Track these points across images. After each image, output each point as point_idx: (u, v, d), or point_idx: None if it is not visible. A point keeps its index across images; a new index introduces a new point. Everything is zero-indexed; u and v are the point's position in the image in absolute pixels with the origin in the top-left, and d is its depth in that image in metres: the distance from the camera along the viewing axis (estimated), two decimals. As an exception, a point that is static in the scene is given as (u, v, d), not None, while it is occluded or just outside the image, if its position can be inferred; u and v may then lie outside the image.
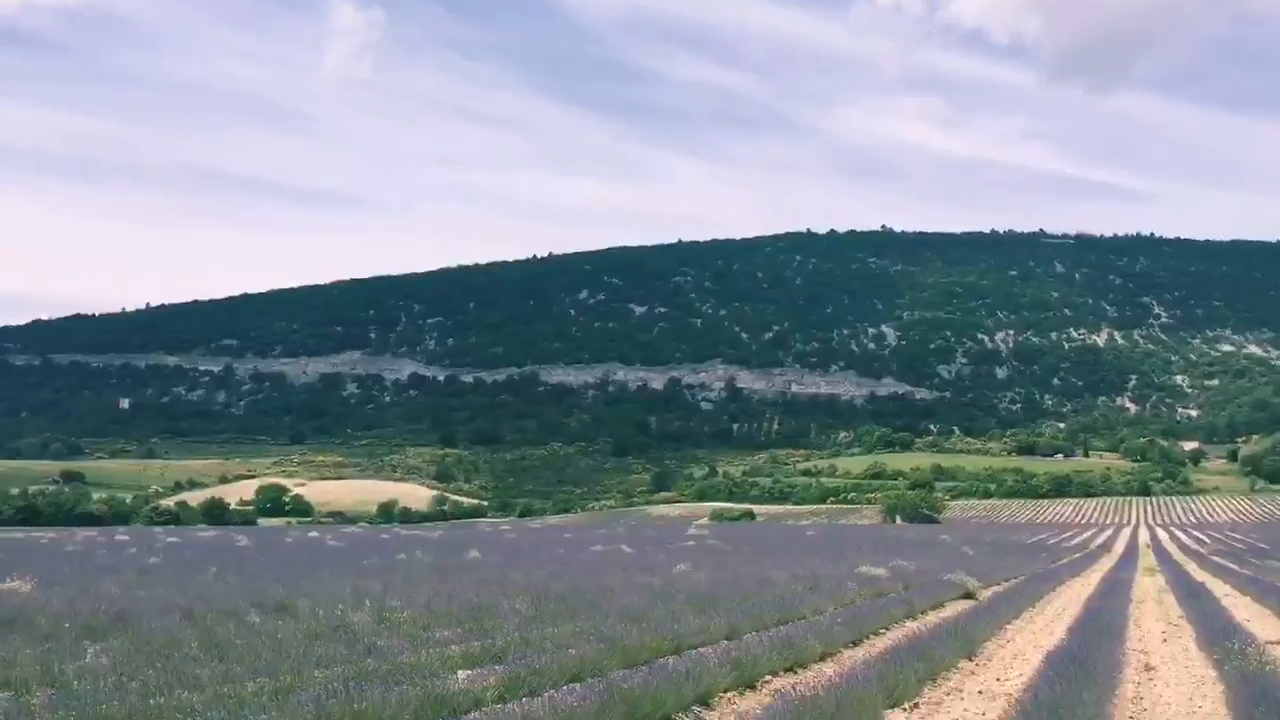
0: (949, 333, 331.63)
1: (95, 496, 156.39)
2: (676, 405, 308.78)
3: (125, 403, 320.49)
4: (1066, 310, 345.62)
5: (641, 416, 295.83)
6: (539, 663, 11.65)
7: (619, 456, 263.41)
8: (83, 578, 24.61)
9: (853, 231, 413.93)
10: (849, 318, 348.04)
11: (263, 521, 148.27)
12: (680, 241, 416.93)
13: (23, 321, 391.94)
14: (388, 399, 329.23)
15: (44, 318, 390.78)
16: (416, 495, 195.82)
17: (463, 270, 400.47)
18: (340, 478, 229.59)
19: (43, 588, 20.60)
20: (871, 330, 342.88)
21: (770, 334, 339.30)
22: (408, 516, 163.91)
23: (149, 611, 16.65)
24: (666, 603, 19.02)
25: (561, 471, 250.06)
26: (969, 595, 24.53)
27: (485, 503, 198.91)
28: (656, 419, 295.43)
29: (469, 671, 11.76)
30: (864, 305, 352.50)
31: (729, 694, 11.27)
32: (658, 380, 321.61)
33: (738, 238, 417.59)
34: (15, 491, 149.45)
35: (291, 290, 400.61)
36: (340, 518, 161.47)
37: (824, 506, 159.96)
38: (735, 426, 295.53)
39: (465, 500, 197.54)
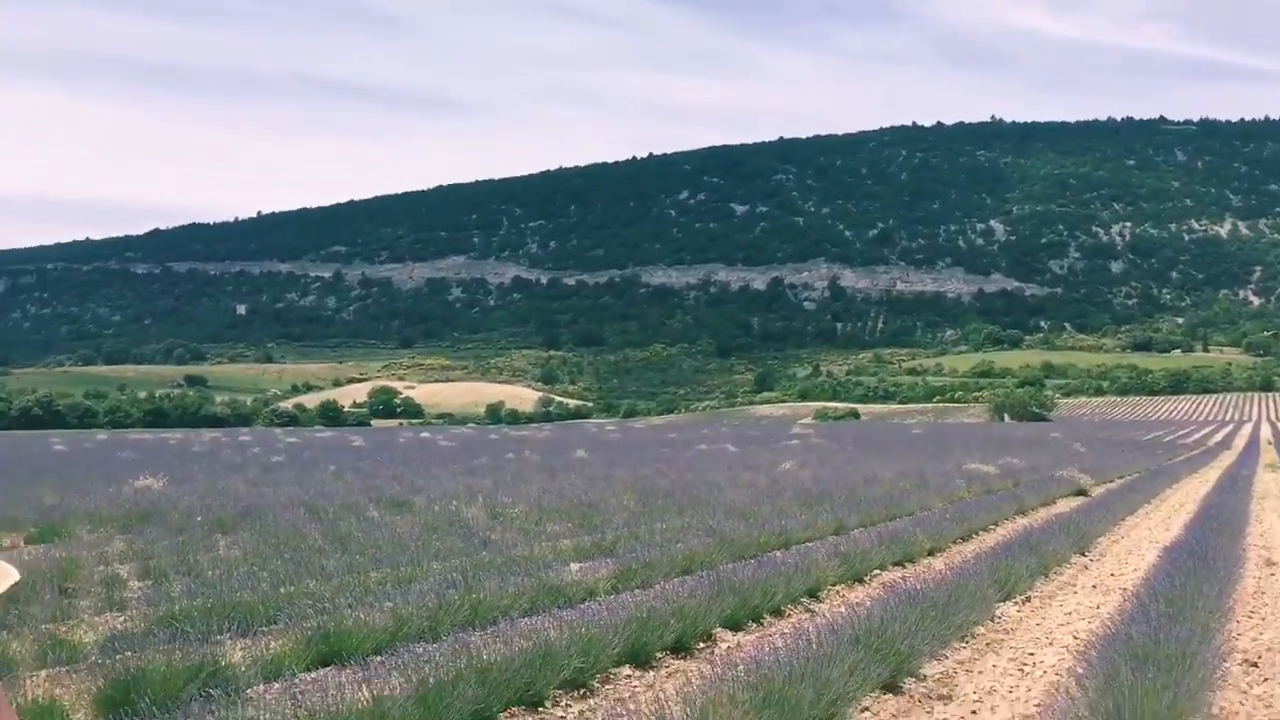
0: (1061, 226, 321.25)
1: (217, 399, 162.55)
2: (779, 305, 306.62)
3: (241, 309, 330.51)
4: (1187, 200, 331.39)
5: (744, 317, 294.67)
6: (649, 556, 11.84)
7: (721, 357, 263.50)
8: (210, 476, 25.69)
9: (960, 123, 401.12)
10: (956, 213, 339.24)
11: (375, 423, 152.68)
12: (782, 139, 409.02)
13: (143, 231, 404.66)
14: (492, 302, 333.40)
15: (162, 227, 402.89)
16: (522, 397, 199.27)
17: (563, 172, 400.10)
18: (448, 380, 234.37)
19: (174, 485, 21.58)
20: (979, 225, 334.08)
21: (874, 231, 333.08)
22: (514, 418, 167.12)
23: (274, 507, 17.31)
24: (772, 499, 19.11)
25: (664, 372, 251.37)
26: (1081, 492, 24.14)
27: (589, 404, 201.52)
28: (759, 319, 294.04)
29: (580, 564, 12.01)
30: (971, 200, 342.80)
31: (837, 587, 11.33)
32: (759, 280, 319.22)
33: (840, 133, 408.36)
34: (143, 395, 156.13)
35: (396, 196, 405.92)
36: (449, 419, 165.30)
37: (930, 405, 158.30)
38: (839, 326, 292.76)
39: (570, 401, 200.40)
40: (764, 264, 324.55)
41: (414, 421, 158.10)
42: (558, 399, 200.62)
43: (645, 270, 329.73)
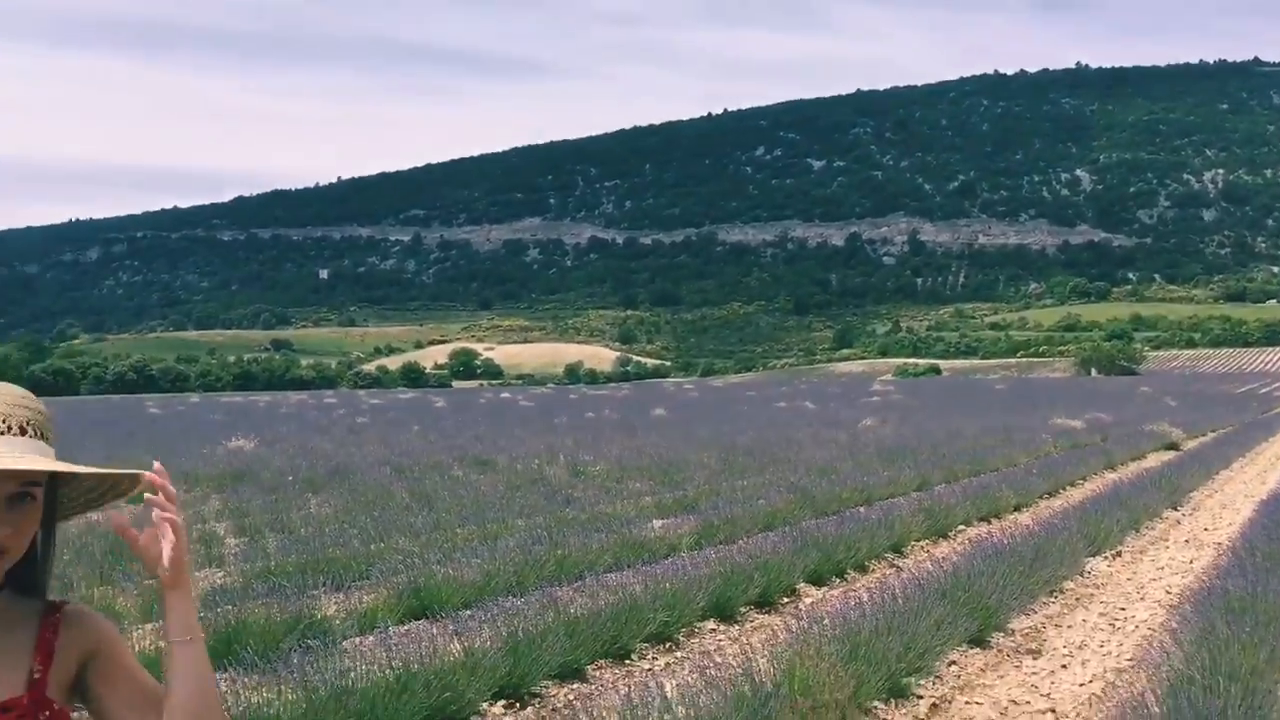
0: (1150, 174, 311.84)
1: (303, 363, 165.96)
2: (857, 261, 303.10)
3: (324, 273, 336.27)
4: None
5: (821, 273, 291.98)
6: (730, 512, 11.87)
7: (799, 314, 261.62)
8: (299, 436, 26.30)
9: (1044, 70, 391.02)
10: (1040, 163, 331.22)
11: (456, 384, 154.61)
12: (859, 91, 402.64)
13: (227, 199, 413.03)
14: (568, 263, 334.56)
15: (246, 194, 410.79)
16: (600, 357, 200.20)
17: (638, 131, 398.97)
18: (526, 341, 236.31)
19: (264, 445, 22.15)
20: (1064, 175, 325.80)
21: (955, 184, 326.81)
22: (593, 378, 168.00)
23: (361, 466, 17.69)
24: (854, 455, 19.02)
25: (742, 331, 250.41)
26: (1172, 446, 23.63)
27: (667, 363, 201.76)
28: (837, 275, 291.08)
29: (662, 520, 12.09)
30: (1056, 149, 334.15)
31: (921, 542, 11.26)
32: (837, 236, 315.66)
33: (920, 84, 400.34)
34: (232, 359, 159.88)
35: (472, 159, 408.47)
36: (528, 379, 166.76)
37: (1013, 360, 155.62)
38: (919, 281, 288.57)
39: (648, 361, 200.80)
40: (842, 219, 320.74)
41: (494, 382, 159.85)
42: (635, 358, 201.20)
43: (722, 228, 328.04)
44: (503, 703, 5.92)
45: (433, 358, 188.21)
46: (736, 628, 7.82)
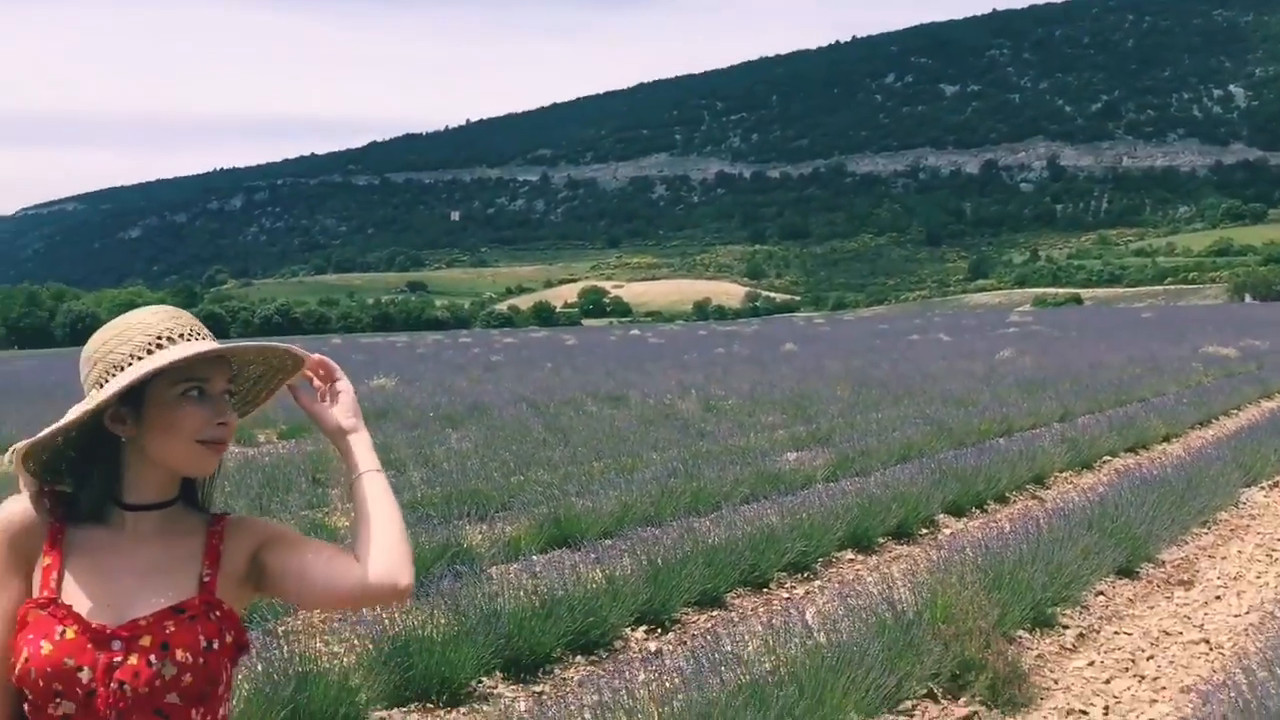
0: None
1: (437, 304, 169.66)
2: (993, 188, 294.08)
3: (455, 215, 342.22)
4: None
5: (955, 202, 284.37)
6: (865, 444, 11.79)
7: (932, 245, 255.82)
8: (436, 374, 26.99)
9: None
10: (1190, 79, 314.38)
11: (586, 322, 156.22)
12: (994, 11, 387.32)
13: (361, 144, 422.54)
14: (696, 199, 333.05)
15: (379, 139, 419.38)
16: (729, 292, 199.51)
17: (764, 62, 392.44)
18: (654, 278, 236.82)
19: (404, 384, 22.80)
20: (1217, 92, 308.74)
21: (1097, 105, 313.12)
22: (721, 314, 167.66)
23: (498, 402, 18.08)
24: (991, 387, 18.61)
25: (873, 263, 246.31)
26: (1334, 375, 22.40)
27: (796, 297, 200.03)
28: (971, 204, 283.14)
29: (796, 453, 12.08)
30: (1207, 64, 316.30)
31: (1065, 473, 10.99)
32: (972, 163, 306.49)
33: (1059, 0, 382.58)
34: (370, 302, 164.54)
35: (597, 97, 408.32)
36: (657, 317, 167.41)
37: (1160, 288, 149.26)
38: (1058, 208, 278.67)
39: (777, 296, 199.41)
40: (976, 146, 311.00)
41: (623, 320, 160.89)
42: (764, 293, 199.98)
43: (851, 159, 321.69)
44: (644, 628, 6.04)
45: (562, 296, 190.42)
46: (874, 558, 7.79)
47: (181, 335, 1.56)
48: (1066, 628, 5.89)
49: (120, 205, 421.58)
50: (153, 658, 1.49)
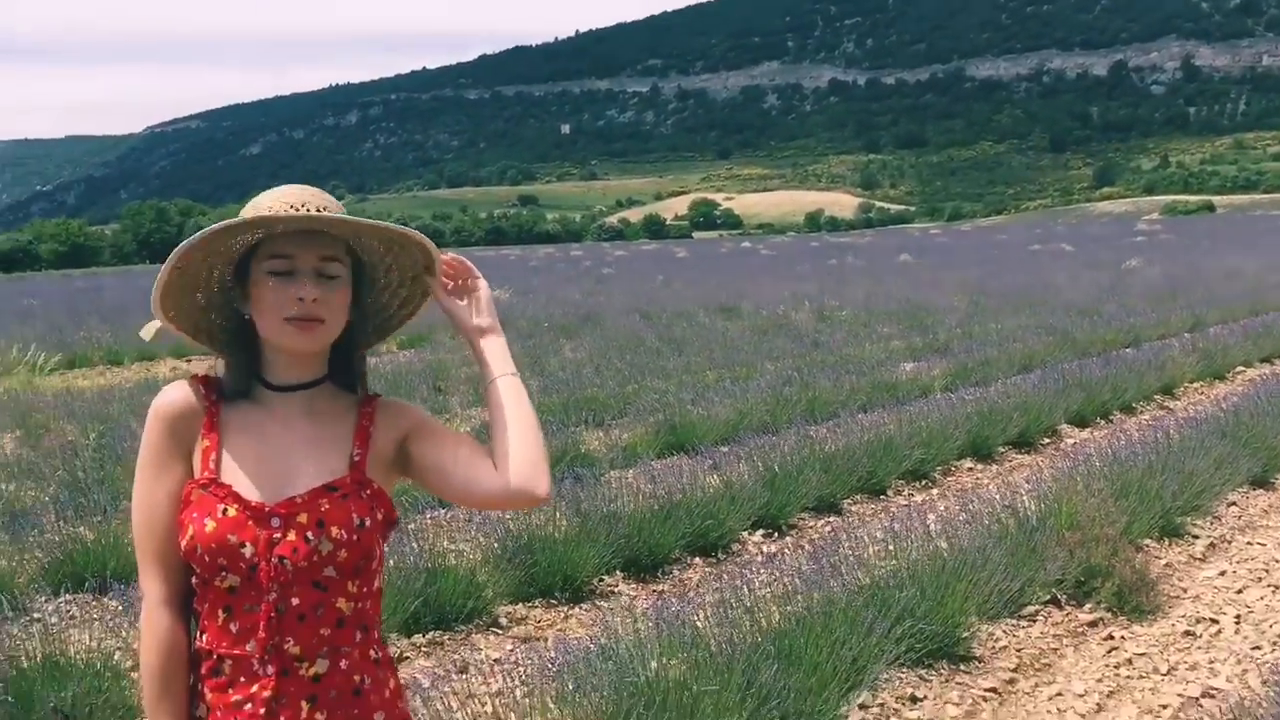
0: None
1: (549, 217, 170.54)
2: (1122, 91, 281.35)
3: (565, 128, 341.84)
4: None
5: (1081, 107, 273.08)
6: (984, 354, 11.57)
7: (1055, 152, 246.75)
8: (549, 287, 27.21)
9: None
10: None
11: (696, 235, 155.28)
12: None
13: (471, 58, 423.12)
14: (808, 108, 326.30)
15: (489, 52, 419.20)
16: (841, 204, 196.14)
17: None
18: (765, 190, 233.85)
19: (518, 296, 23.05)
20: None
21: (1236, 0, 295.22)
22: (834, 225, 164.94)
23: (610, 313, 18.19)
24: (1117, 297, 18.03)
25: (992, 172, 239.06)
26: None
27: (911, 208, 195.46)
28: (1098, 108, 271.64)
29: (912, 363, 11.93)
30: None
31: (1195, 384, 10.64)
32: (1100, 65, 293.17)
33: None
34: (483, 215, 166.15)
35: (708, 4, 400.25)
36: (768, 229, 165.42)
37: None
38: (1191, 111, 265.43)
39: (891, 206, 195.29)
40: (1105, 47, 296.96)
41: (733, 232, 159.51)
42: (878, 204, 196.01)
43: (970, 63, 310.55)
44: (761, 532, 6.09)
45: (672, 209, 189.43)
46: (994, 466, 7.69)
47: (288, 211, 1.56)
48: (1197, 537, 5.75)
49: (241, 123, 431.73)
50: (309, 534, 1.55)
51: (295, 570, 1.54)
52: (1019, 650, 4.35)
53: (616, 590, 5.24)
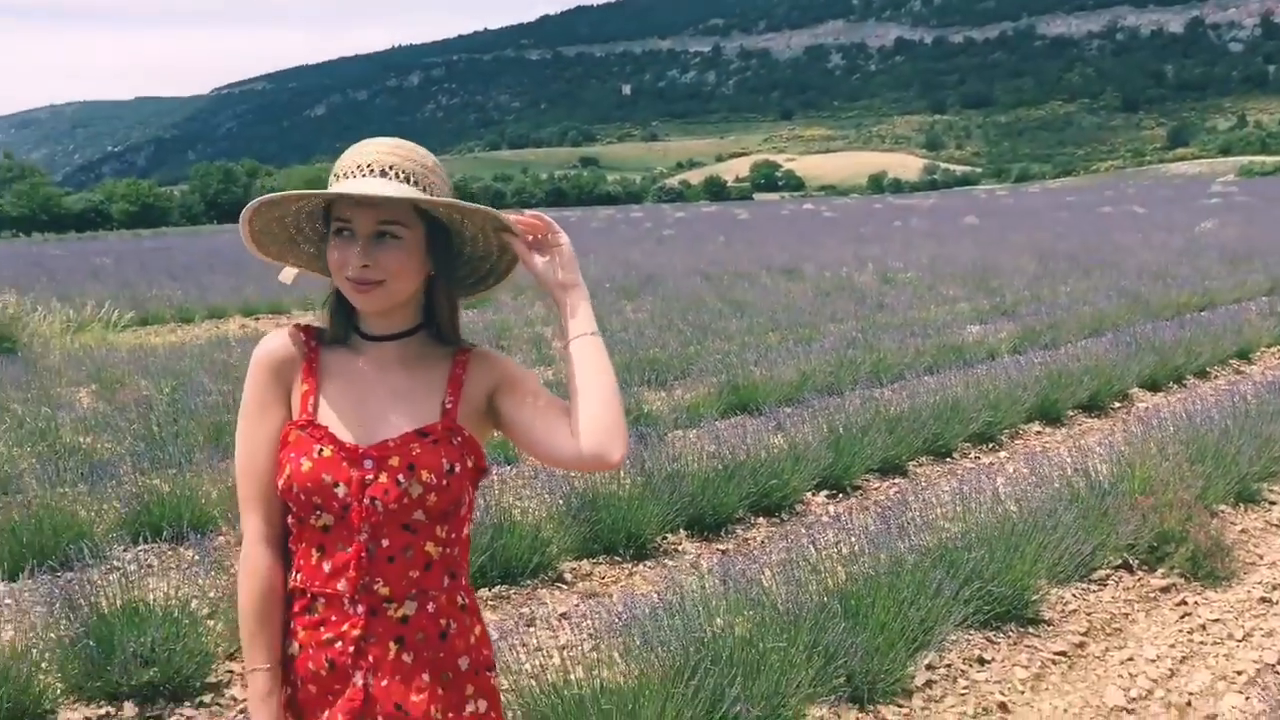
0: None
1: (609, 178, 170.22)
2: (1198, 49, 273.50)
3: (626, 89, 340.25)
4: None
5: (1155, 65, 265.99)
6: (1053, 317, 11.38)
7: (1127, 112, 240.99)
8: (610, 248, 27.20)
9: None
10: None
11: (757, 196, 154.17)
12: None
13: (532, 18, 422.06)
14: (872, 68, 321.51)
15: (550, 12, 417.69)
16: (905, 165, 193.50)
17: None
18: (828, 151, 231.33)
19: (579, 256, 22.99)
20: None
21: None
22: (897, 187, 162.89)
23: (671, 274, 18.15)
24: (1191, 260, 17.60)
25: (1061, 132, 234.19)
26: None
27: (978, 169, 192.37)
28: (1173, 67, 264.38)
29: (979, 326, 11.77)
30: None
31: (1273, 349, 10.38)
32: (1175, 21, 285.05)
33: None
34: (544, 176, 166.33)
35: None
36: (830, 190, 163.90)
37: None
38: (1271, 69, 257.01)
39: (956, 168, 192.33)
40: (1181, 2, 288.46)
41: (795, 194, 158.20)
42: (943, 165, 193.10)
43: (1041, 20, 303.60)
44: (825, 492, 6.06)
45: (734, 171, 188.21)
46: (1062, 430, 7.58)
47: (347, 173, 1.59)
48: (1273, 503, 5.63)
49: (306, 84, 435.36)
50: (400, 477, 1.58)
51: (386, 512, 1.57)
52: (1089, 614, 4.29)
53: (680, 548, 5.26)
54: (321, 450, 1.59)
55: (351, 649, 1.58)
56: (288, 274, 1.75)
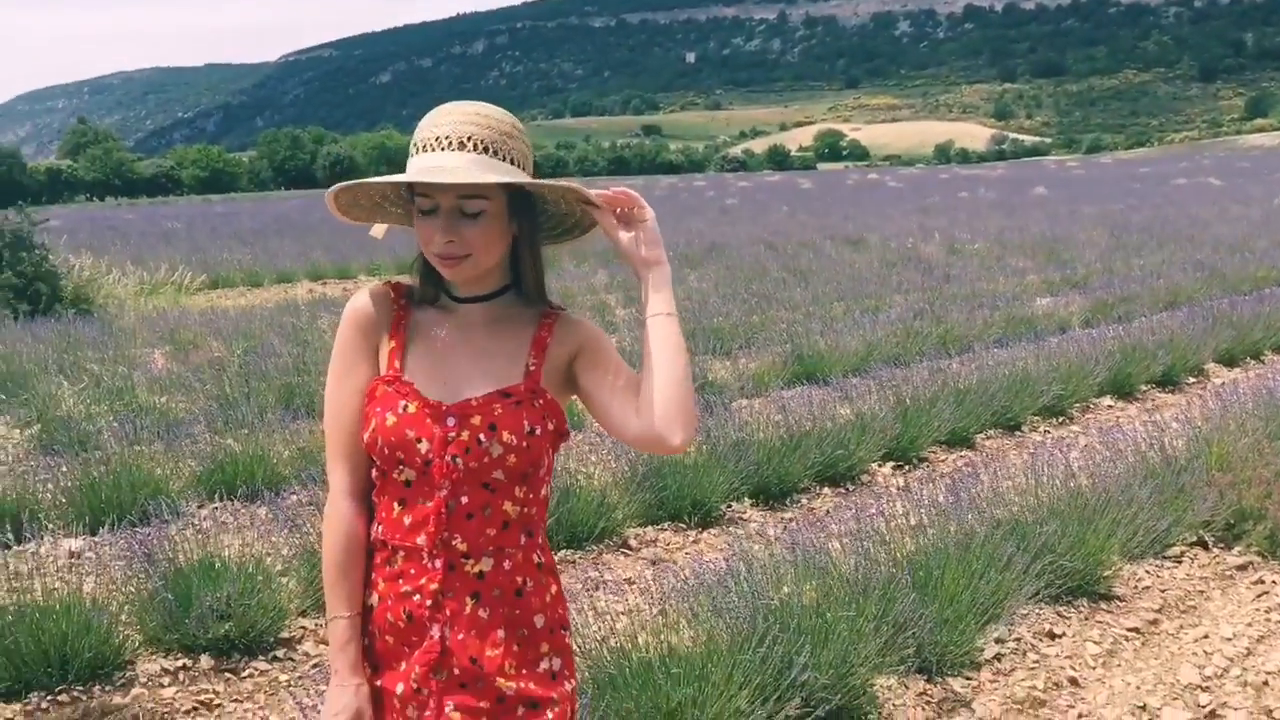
0: None
1: (671, 147, 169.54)
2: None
3: (690, 57, 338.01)
4: None
5: (1234, 33, 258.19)
6: (1126, 290, 11.16)
7: (1204, 81, 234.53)
8: (673, 217, 27.10)
9: None
10: None
11: (821, 166, 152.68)
12: None
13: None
14: (941, 35, 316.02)
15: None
16: (973, 135, 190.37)
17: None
18: (894, 120, 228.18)
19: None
20: None
21: None
22: (964, 157, 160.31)
23: (734, 244, 18.05)
24: (1270, 233, 17.14)
25: (1135, 102, 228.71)
26: None
27: (1048, 140, 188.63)
28: (1254, 34, 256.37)
29: (1049, 298, 11.58)
30: None
31: (1357, 325, 10.08)
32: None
33: None
34: (605, 145, 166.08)
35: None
36: (895, 160, 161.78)
37: None
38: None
39: (1025, 138, 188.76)
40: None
41: (860, 164, 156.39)
42: (1012, 135, 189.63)
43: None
44: (891, 463, 6.02)
45: (797, 140, 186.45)
46: (1135, 405, 7.44)
47: (426, 145, 1.59)
48: (1356, 484, 5.48)
49: (371, 51, 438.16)
50: (482, 436, 1.59)
51: (466, 470, 1.59)
52: (1163, 591, 4.22)
53: (745, 517, 5.25)
54: (406, 406, 1.60)
55: (429, 602, 1.60)
56: (378, 229, 1.77)
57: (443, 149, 1.58)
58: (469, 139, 1.58)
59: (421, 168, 1.57)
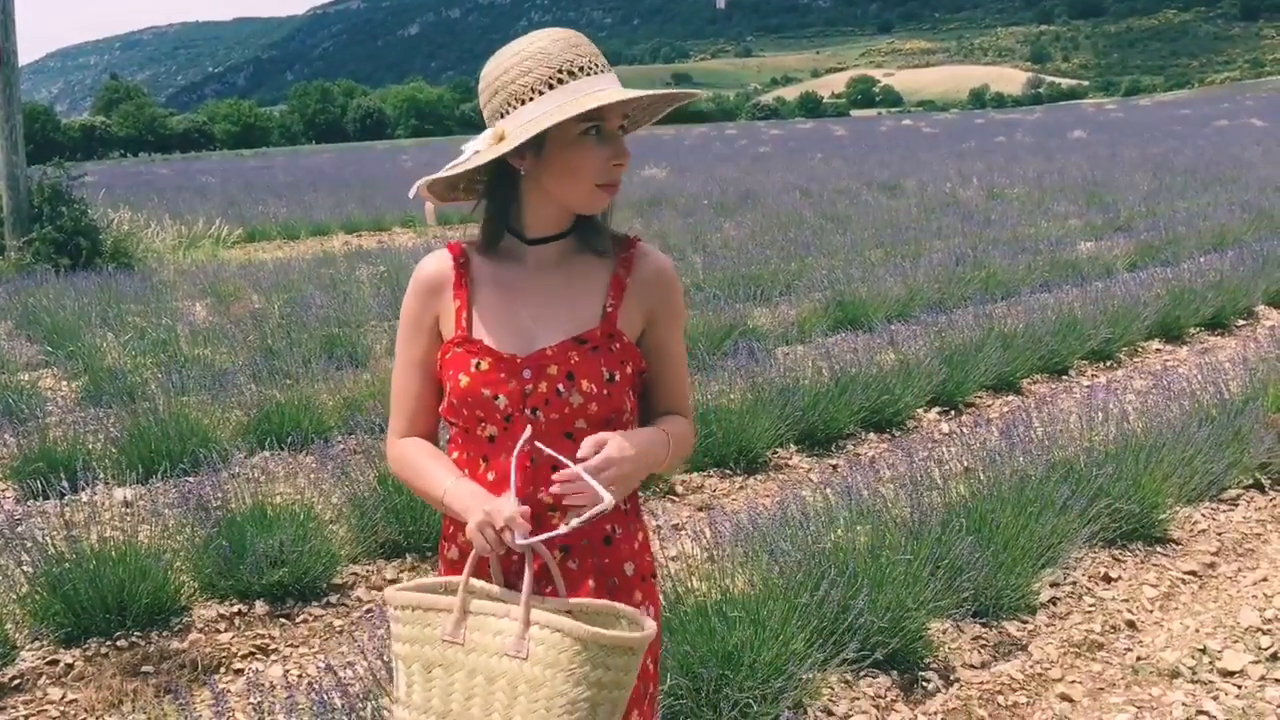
0: None
1: (703, 95, 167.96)
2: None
3: (721, 2, 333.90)
4: None
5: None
6: (1172, 232, 10.97)
7: (1247, 20, 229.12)
8: (706, 165, 26.87)
9: None
10: None
11: (854, 113, 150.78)
12: None
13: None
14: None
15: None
16: (1009, 79, 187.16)
17: None
18: (928, 65, 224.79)
19: (675, 174, 22.86)
20: None
21: None
22: (1000, 101, 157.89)
23: (769, 191, 17.88)
24: (1318, 174, 16.79)
25: (1175, 42, 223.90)
26: None
27: (1084, 83, 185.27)
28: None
29: (1091, 242, 11.40)
30: None
31: None
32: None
33: None
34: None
35: None
36: (929, 106, 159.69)
37: None
38: None
39: (1062, 81, 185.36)
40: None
41: (893, 110, 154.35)
42: (1048, 79, 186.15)
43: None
44: (937, 409, 5.96)
45: (829, 87, 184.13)
46: (1184, 348, 7.33)
47: (581, 69, 1.52)
48: None
49: (399, 2, 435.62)
50: (560, 387, 1.54)
51: (547, 421, 1.54)
52: (1219, 534, 4.17)
53: (791, 463, 5.22)
54: (479, 364, 1.56)
55: (515, 557, 1.54)
56: (430, 212, 1.68)
57: (599, 71, 1.54)
58: (604, 66, 1.56)
59: (601, 91, 1.50)
